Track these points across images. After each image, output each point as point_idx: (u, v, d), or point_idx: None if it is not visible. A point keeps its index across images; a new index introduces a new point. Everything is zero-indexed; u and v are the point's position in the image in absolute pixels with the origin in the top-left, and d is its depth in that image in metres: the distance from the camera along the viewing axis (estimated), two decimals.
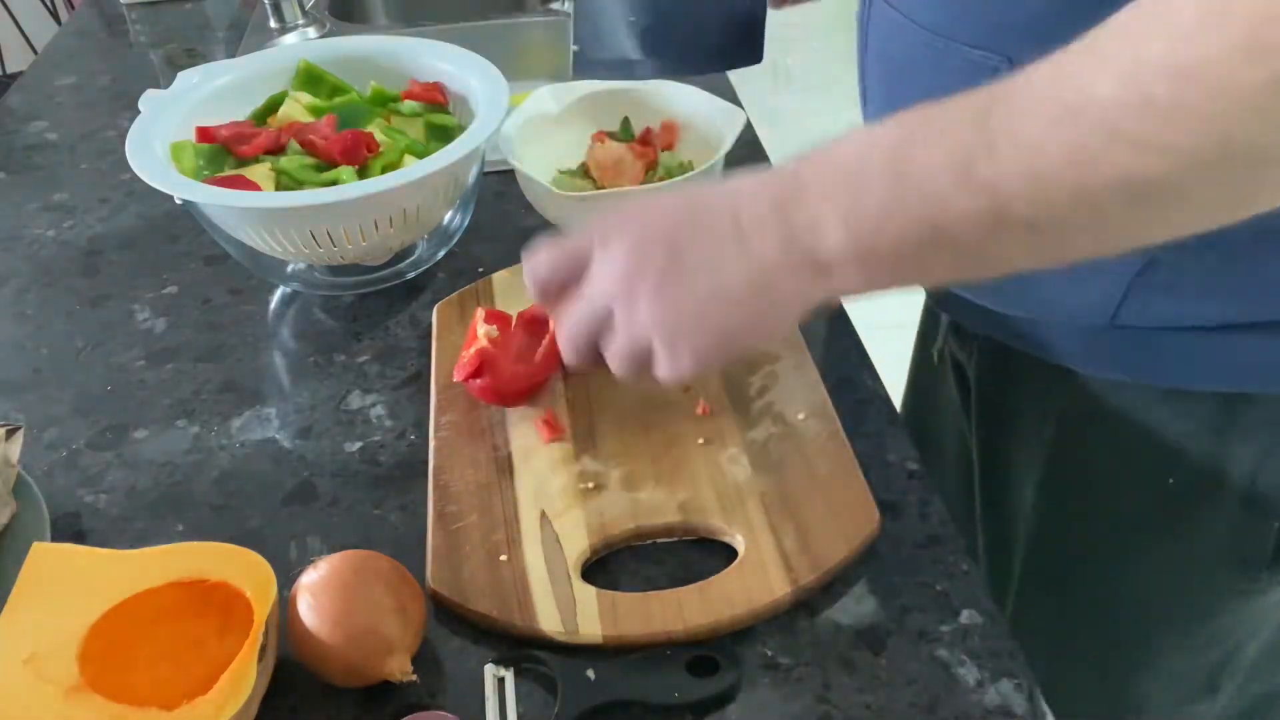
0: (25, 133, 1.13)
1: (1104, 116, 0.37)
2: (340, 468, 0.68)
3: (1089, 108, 0.37)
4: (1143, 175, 0.37)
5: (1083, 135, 0.37)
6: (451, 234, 0.87)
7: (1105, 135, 0.37)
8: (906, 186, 0.42)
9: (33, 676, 0.49)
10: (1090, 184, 0.38)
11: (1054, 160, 0.38)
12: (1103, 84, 0.37)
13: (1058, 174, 0.38)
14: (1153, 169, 0.36)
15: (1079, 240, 0.41)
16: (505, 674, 0.54)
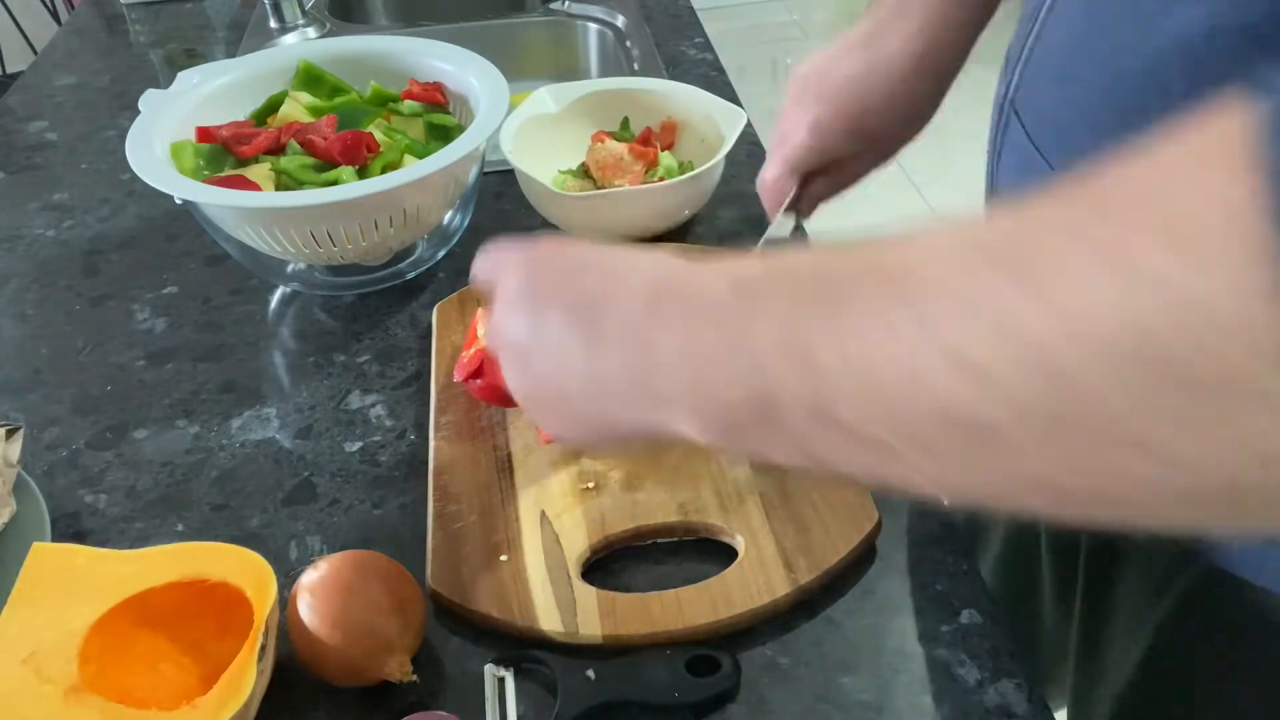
0: (25, 133, 1.13)
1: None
2: (340, 468, 0.68)
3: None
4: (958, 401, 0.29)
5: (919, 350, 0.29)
6: (451, 234, 0.87)
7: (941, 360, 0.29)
8: (739, 353, 0.35)
9: (33, 676, 0.49)
10: (921, 404, 0.30)
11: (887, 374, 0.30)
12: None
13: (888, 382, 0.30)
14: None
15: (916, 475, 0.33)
16: (505, 674, 0.54)
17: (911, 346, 0.29)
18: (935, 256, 0.31)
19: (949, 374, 0.28)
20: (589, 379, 0.40)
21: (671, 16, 1.30)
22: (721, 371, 0.35)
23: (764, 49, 3.46)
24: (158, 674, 0.53)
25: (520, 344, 0.43)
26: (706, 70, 1.17)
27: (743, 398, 0.34)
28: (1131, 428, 0.25)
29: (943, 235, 0.32)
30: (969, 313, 0.28)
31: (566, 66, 1.34)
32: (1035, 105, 0.55)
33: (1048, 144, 0.54)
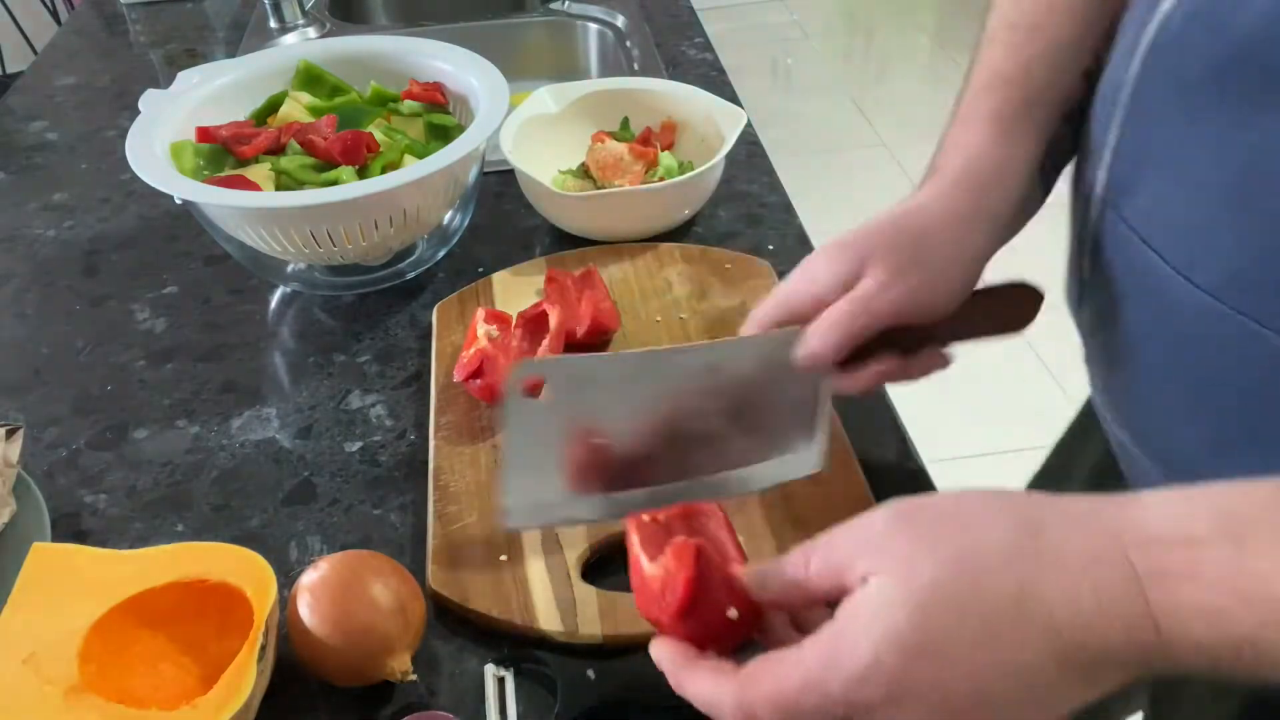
0: (25, 133, 1.13)
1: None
2: (340, 468, 0.68)
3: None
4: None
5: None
6: (451, 234, 0.87)
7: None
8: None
9: (33, 676, 0.49)
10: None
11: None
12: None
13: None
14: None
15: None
16: (505, 674, 0.54)
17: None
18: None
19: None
20: (1073, 700, 0.36)
21: (671, 16, 1.30)
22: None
23: (764, 49, 3.46)
24: (158, 674, 0.53)
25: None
26: (706, 70, 1.17)
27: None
28: None
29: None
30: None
31: (566, 66, 1.34)
32: (1143, 205, 0.49)
33: (1167, 245, 0.47)
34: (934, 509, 0.38)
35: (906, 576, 0.36)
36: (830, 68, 3.38)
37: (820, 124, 2.99)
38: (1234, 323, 0.45)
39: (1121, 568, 0.35)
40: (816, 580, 0.40)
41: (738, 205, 0.91)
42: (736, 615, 0.41)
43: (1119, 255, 0.52)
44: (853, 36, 3.69)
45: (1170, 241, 0.47)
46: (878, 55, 3.56)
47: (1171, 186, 0.47)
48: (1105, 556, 0.35)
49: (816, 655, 0.37)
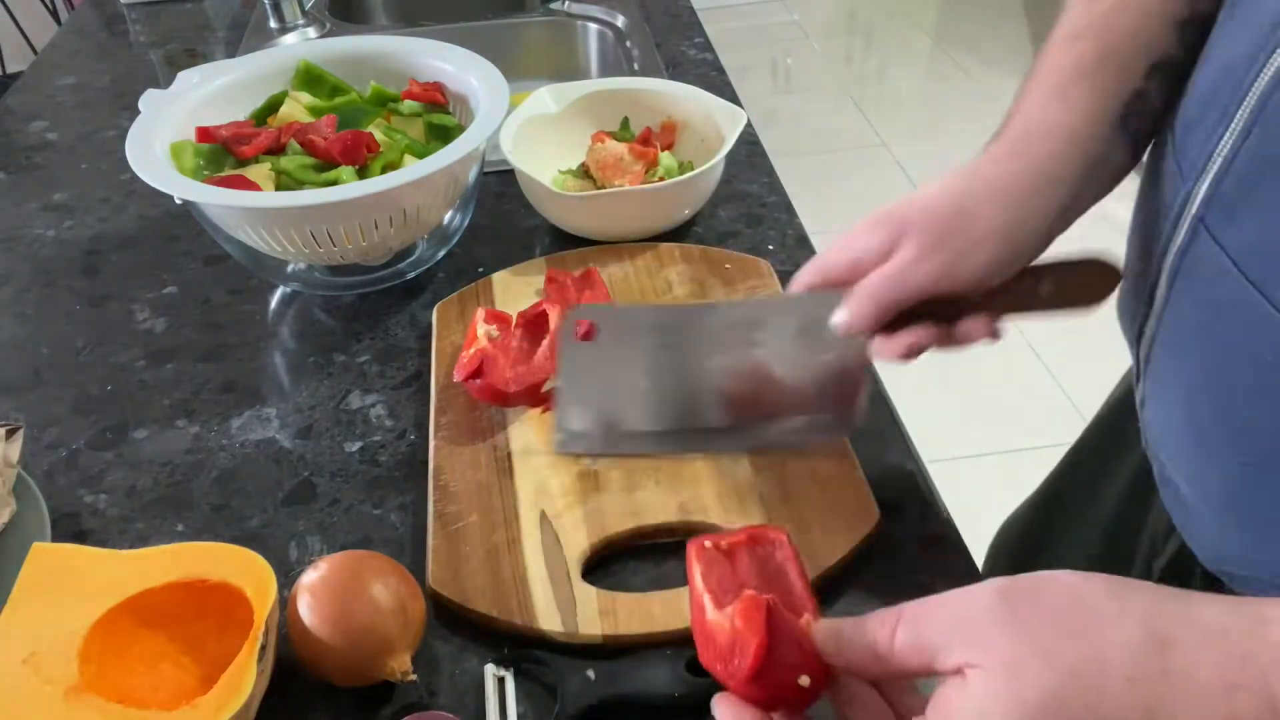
0: (25, 133, 1.13)
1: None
2: (340, 468, 0.68)
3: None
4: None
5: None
6: (451, 234, 0.87)
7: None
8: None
9: (33, 676, 0.49)
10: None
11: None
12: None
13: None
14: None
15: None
16: (505, 674, 0.54)
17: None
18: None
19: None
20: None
21: (671, 16, 1.30)
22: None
23: (764, 49, 3.46)
24: (158, 674, 0.53)
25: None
26: (706, 70, 1.17)
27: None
28: None
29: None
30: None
31: (566, 66, 1.34)
32: (1247, 233, 0.44)
33: (1271, 280, 0.43)
34: (1048, 601, 0.35)
35: (1014, 681, 0.33)
36: (830, 68, 3.38)
37: (820, 124, 2.99)
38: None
39: (1261, 694, 0.32)
40: (901, 656, 0.37)
41: (738, 205, 0.91)
42: (808, 683, 0.38)
43: (1206, 285, 0.47)
44: (853, 36, 3.68)
45: (1277, 278, 0.42)
46: (878, 55, 3.56)
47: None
48: (1243, 683, 0.32)
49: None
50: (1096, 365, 0.68)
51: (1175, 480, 0.55)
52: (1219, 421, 0.48)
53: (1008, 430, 1.91)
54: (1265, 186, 0.43)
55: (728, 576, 0.45)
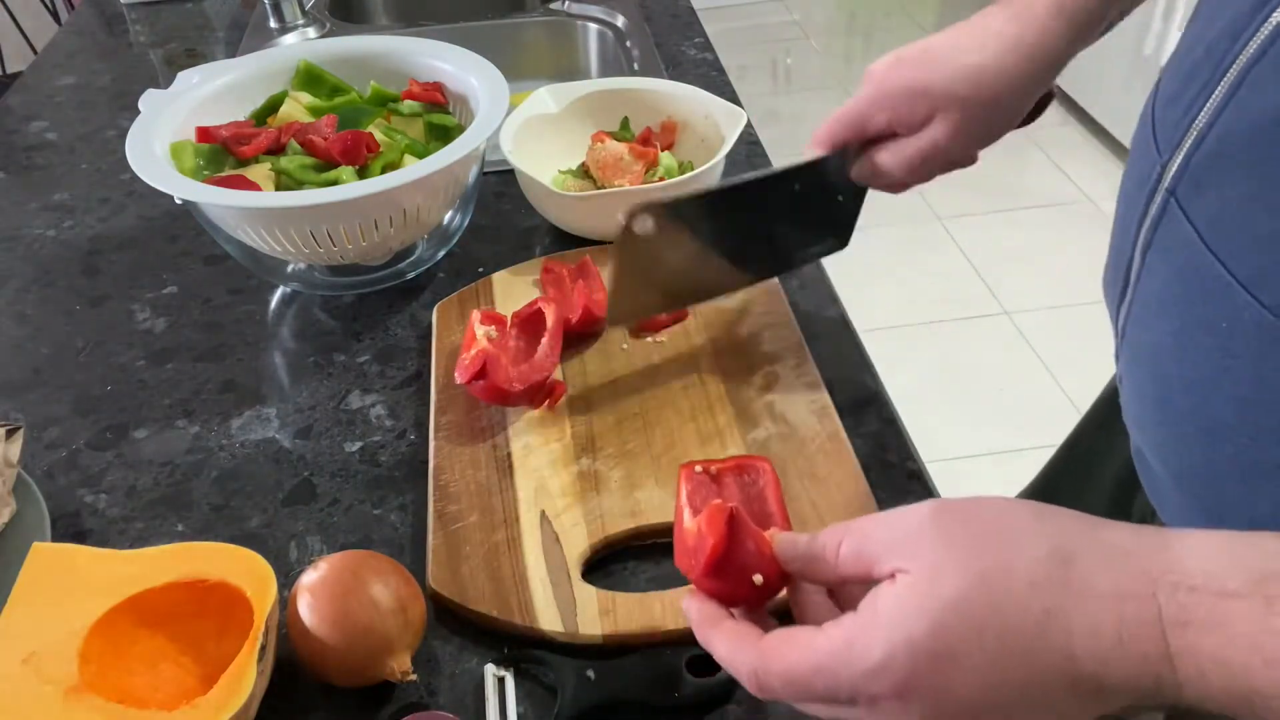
0: (25, 133, 1.13)
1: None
2: (340, 468, 0.68)
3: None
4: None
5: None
6: (451, 234, 0.87)
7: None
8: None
9: (33, 676, 0.49)
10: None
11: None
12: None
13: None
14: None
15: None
16: (505, 674, 0.54)
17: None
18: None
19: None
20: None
21: (671, 16, 1.30)
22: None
23: (764, 49, 3.46)
24: (158, 674, 0.53)
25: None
26: (706, 70, 1.17)
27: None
28: None
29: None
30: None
31: (566, 66, 1.34)
32: (1211, 205, 0.46)
33: (1232, 253, 0.45)
34: (976, 519, 0.38)
35: (932, 584, 0.37)
36: (830, 68, 3.38)
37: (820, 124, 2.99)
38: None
39: (1148, 608, 0.35)
40: (845, 564, 0.41)
41: None
42: (762, 581, 0.43)
43: (1173, 254, 0.49)
44: (853, 36, 3.69)
45: (1238, 250, 0.44)
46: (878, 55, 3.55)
47: (1255, 190, 0.43)
48: (1133, 594, 0.35)
49: (833, 644, 0.38)
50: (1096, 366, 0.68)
51: (1146, 454, 0.56)
52: (1183, 389, 0.50)
53: (1007, 430, 1.91)
54: (1231, 160, 0.45)
55: (710, 494, 0.50)
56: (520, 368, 0.68)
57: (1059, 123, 2.82)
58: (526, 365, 0.68)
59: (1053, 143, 2.74)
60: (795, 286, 0.79)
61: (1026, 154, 2.70)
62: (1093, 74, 2.70)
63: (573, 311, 0.73)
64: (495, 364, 0.67)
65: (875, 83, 0.63)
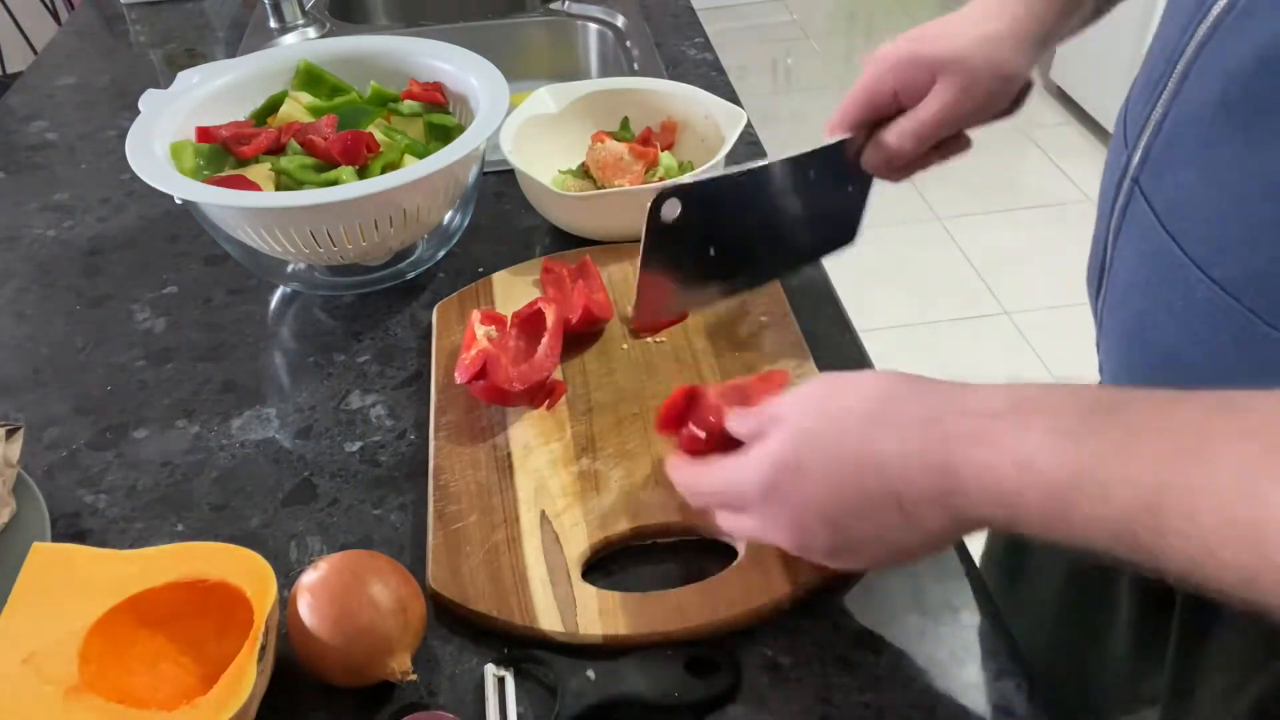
0: (25, 133, 1.13)
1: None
2: (340, 468, 0.68)
3: (1269, 529, 0.34)
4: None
5: (1260, 565, 0.34)
6: (451, 234, 0.87)
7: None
8: (1062, 531, 0.40)
9: (33, 676, 0.49)
10: (1259, 598, 0.35)
11: (1223, 573, 0.35)
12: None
13: (1225, 582, 0.35)
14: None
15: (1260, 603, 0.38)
16: (505, 674, 0.54)
17: (1249, 555, 0.34)
18: (1222, 447, 0.36)
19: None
20: (913, 541, 0.46)
21: (671, 16, 1.30)
22: (1046, 531, 0.40)
23: (764, 49, 3.46)
24: (158, 674, 0.53)
25: (825, 548, 0.49)
26: (706, 70, 1.17)
27: (1072, 544, 0.40)
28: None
29: (1209, 434, 0.37)
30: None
31: (566, 66, 1.34)
32: (1168, 190, 0.51)
33: (1185, 234, 0.49)
34: (845, 382, 0.49)
35: (797, 423, 0.48)
36: (830, 68, 3.38)
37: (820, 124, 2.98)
38: (1242, 319, 0.45)
39: (939, 429, 0.43)
40: (758, 422, 0.52)
41: None
42: (704, 436, 0.56)
43: (1139, 239, 0.53)
44: (853, 36, 3.69)
45: (1190, 230, 0.48)
46: None
47: (1199, 175, 0.48)
48: (932, 419, 0.44)
49: (735, 463, 0.51)
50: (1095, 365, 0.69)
51: None
52: (1146, 366, 0.54)
53: None
54: (1182, 146, 0.50)
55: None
56: (520, 368, 0.68)
57: (1059, 123, 2.82)
58: (526, 365, 0.68)
59: (1053, 143, 2.74)
60: (795, 287, 0.79)
61: (1026, 154, 2.70)
62: (1093, 74, 2.70)
63: (573, 311, 0.73)
64: (495, 364, 0.67)
65: (877, 59, 0.65)
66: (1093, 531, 0.39)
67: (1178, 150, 0.50)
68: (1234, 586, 0.35)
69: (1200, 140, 0.48)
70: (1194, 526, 0.35)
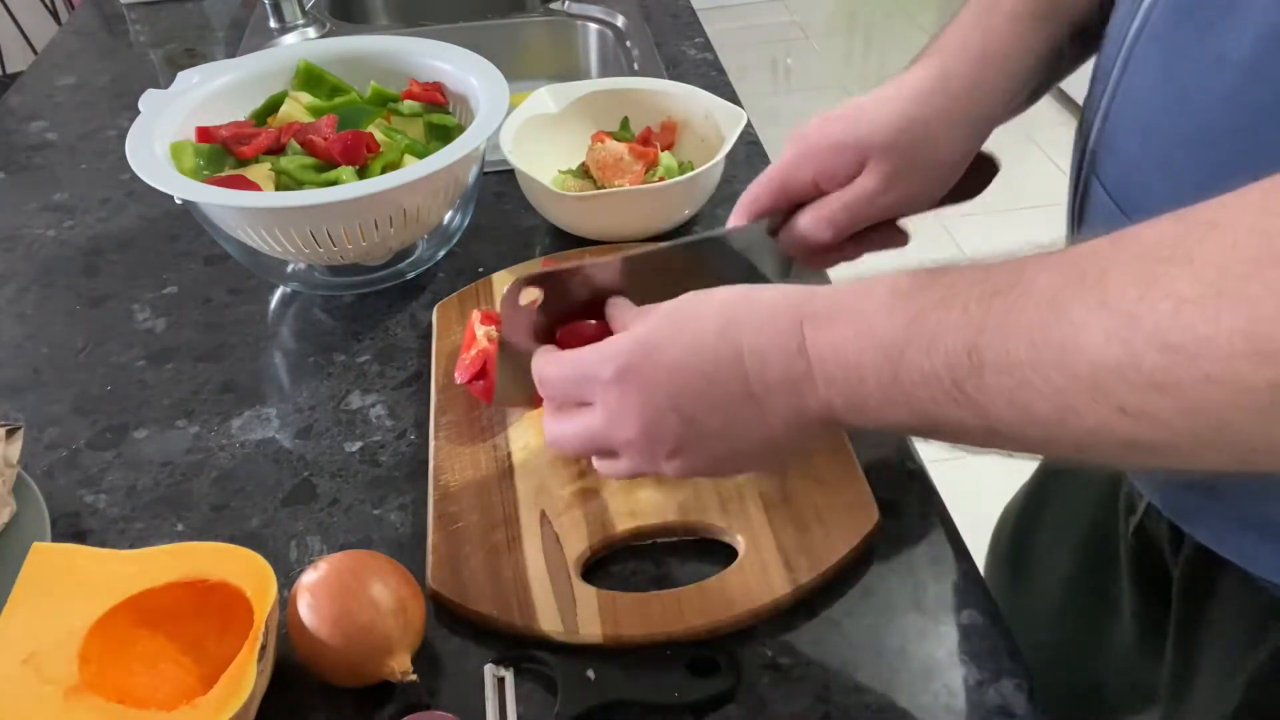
0: (25, 133, 1.13)
1: (1091, 372, 0.34)
2: (340, 468, 0.68)
3: (1077, 357, 0.35)
4: (1131, 438, 0.35)
5: (1069, 385, 0.35)
6: (451, 234, 0.87)
7: (1090, 393, 0.35)
8: (899, 392, 0.41)
9: (33, 676, 0.49)
10: (1075, 432, 0.36)
11: (1039, 403, 0.36)
12: (1092, 331, 0.34)
13: (1043, 415, 0.37)
14: (1142, 434, 0.34)
15: (1090, 459, 0.39)
16: (505, 674, 0.54)
17: (1060, 380, 0.35)
18: (1037, 273, 0.37)
19: (1098, 405, 0.35)
20: (760, 433, 0.47)
21: (671, 16, 1.30)
22: (887, 406, 0.42)
23: (764, 49, 3.46)
24: (158, 674, 0.53)
25: (673, 442, 0.48)
26: (706, 70, 1.17)
27: (911, 420, 0.42)
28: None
29: (1026, 265, 0.38)
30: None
31: (566, 66, 1.34)
32: (1117, 168, 0.53)
33: (1130, 202, 0.51)
34: (703, 293, 0.49)
35: (656, 318, 0.49)
36: (830, 68, 3.38)
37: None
38: None
39: (796, 313, 0.45)
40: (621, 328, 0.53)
41: None
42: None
43: (1097, 222, 0.54)
44: (853, 36, 3.68)
45: (1139, 201, 0.50)
46: (878, 55, 3.56)
47: (1145, 153, 0.50)
48: (786, 307, 0.45)
49: (588, 349, 0.50)
50: None
51: None
52: None
53: None
54: (1124, 124, 0.51)
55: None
56: None
57: (1059, 123, 2.82)
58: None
59: (1053, 143, 2.74)
60: None
61: (1026, 154, 2.70)
62: None
63: None
64: (495, 364, 0.67)
65: (800, 141, 0.60)
66: (921, 391, 0.40)
67: (1121, 126, 0.52)
68: (1052, 422, 0.36)
69: (1142, 122, 0.50)
70: (1008, 359, 0.37)
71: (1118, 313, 0.34)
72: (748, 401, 0.46)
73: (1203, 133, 0.46)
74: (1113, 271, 0.35)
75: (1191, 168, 0.47)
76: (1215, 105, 0.45)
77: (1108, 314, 0.34)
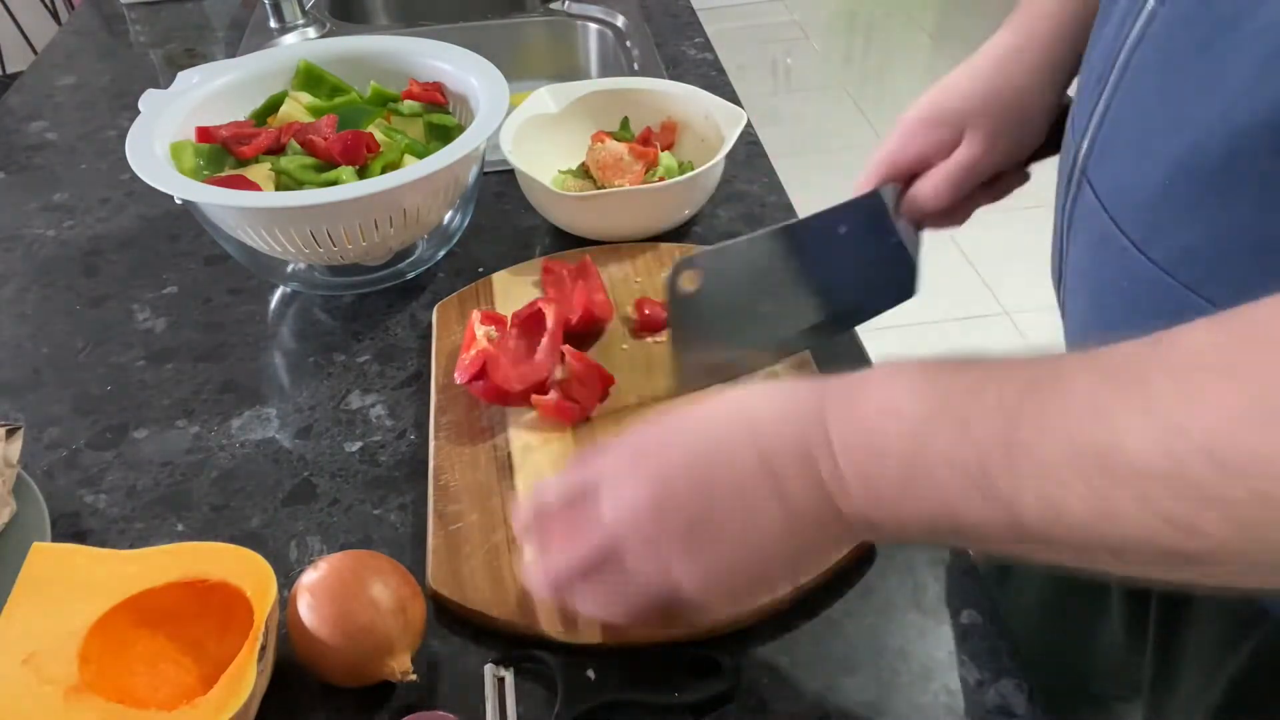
0: (25, 133, 1.13)
1: (1133, 478, 0.33)
2: (340, 468, 0.68)
3: (1118, 461, 0.34)
4: (1169, 547, 0.34)
5: (1108, 489, 0.34)
6: (451, 234, 0.87)
7: (1132, 498, 0.34)
8: (920, 477, 0.39)
9: (33, 676, 0.49)
10: (1111, 538, 0.35)
11: (1074, 503, 0.35)
12: (1136, 436, 0.33)
13: (1078, 516, 0.35)
14: (1181, 545, 0.33)
15: (1114, 569, 0.38)
16: (505, 674, 0.54)
17: (1100, 483, 0.34)
18: (1075, 375, 0.37)
19: (1139, 511, 0.34)
20: (779, 524, 0.43)
21: (671, 16, 1.30)
22: (904, 494, 0.40)
23: (764, 49, 3.46)
24: (158, 674, 0.53)
25: (684, 537, 0.45)
26: (706, 70, 1.17)
27: (930, 512, 0.39)
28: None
29: (1062, 367, 0.38)
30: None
31: (566, 66, 1.34)
32: (1109, 176, 0.52)
33: (1126, 217, 0.51)
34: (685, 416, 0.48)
35: (660, 418, 0.48)
36: (830, 68, 3.38)
37: (820, 124, 2.99)
38: (1179, 294, 0.47)
39: (815, 390, 0.44)
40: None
41: (738, 205, 0.91)
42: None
43: (1088, 227, 0.55)
44: (853, 36, 3.68)
45: (1129, 214, 0.50)
46: (878, 55, 3.56)
47: (1137, 159, 0.50)
48: (806, 387, 0.44)
49: (588, 454, 0.49)
50: None
51: None
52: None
53: None
54: (1122, 133, 0.51)
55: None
56: (521, 368, 0.68)
57: None
58: (527, 365, 0.68)
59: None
60: None
61: None
62: None
63: (573, 311, 0.73)
64: (495, 364, 0.67)
65: (901, 124, 0.65)
66: (946, 476, 0.38)
67: (1119, 139, 0.52)
68: (1088, 525, 0.35)
69: (1139, 129, 0.50)
70: (1045, 456, 0.36)
71: (1163, 421, 0.33)
72: (765, 475, 0.43)
73: (1197, 149, 0.45)
74: (1155, 378, 0.34)
75: (1185, 183, 0.46)
76: (1213, 121, 0.44)
77: (1152, 420, 0.33)
